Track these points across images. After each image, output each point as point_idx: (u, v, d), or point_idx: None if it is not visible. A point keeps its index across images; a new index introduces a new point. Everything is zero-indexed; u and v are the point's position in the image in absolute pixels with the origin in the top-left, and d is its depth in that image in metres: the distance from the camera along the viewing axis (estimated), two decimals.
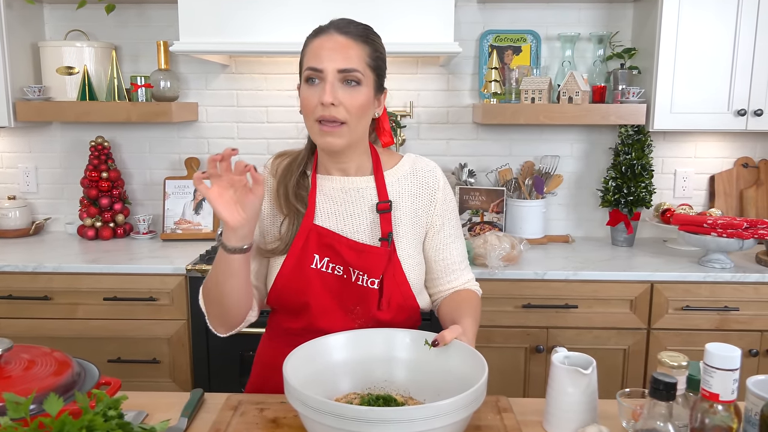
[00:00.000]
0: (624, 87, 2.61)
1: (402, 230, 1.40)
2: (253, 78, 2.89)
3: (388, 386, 1.25)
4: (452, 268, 1.46)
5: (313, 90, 1.29)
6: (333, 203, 1.40)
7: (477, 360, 1.15)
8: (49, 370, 1.09)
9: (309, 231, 1.37)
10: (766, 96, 2.49)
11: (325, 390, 1.17)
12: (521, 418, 1.25)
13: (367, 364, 1.25)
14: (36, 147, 2.97)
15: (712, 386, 0.92)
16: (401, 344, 1.27)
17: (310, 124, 1.32)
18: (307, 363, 1.18)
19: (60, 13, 2.86)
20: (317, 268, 1.37)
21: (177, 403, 1.30)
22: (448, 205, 1.46)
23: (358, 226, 1.39)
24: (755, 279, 2.31)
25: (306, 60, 1.31)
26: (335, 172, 1.41)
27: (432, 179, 1.44)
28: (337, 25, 1.32)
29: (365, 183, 1.41)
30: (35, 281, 2.39)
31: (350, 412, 0.95)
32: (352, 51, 1.29)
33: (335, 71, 1.27)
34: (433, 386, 1.22)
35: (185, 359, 2.44)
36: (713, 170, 2.89)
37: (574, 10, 2.80)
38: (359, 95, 1.29)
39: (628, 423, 1.22)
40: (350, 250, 1.36)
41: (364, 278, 1.36)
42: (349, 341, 1.27)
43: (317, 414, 0.97)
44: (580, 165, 2.92)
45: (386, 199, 1.39)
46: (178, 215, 2.81)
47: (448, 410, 0.98)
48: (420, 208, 1.43)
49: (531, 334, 2.38)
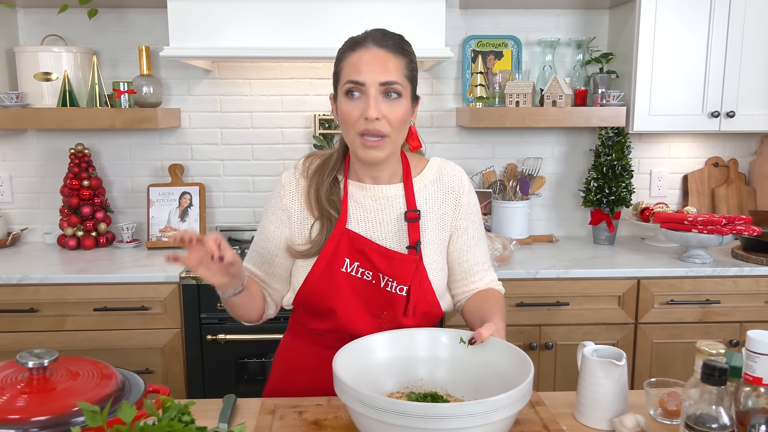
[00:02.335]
0: (604, 90, 2.70)
1: (428, 236, 1.43)
2: (236, 83, 2.87)
3: (426, 384, 1.28)
4: (475, 269, 1.49)
5: (355, 103, 1.30)
6: (363, 210, 1.42)
7: (518, 355, 1.18)
8: (94, 381, 1.07)
9: (341, 235, 1.39)
10: (737, 98, 2.61)
11: (372, 388, 1.18)
12: (553, 411, 1.29)
13: (408, 362, 1.28)
14: (10, 155, 2.87)
15: (755, 371, 0.98)
16: (440, 343, 1.30)
17: (351, 137, 1.34)
18: (351, 363, 1.19)
19: (35, 18, 2.78)
20: (347, 272, 1.39)
21: (206, 410, 1.29)
22: (472, 208, 1.49)
23: (386, 233, 1.41)
24: (734, 273, 2.42)
25: (345, 73, 1.32)
26: (367, 179, 1.43)
27: (458, 183, 1.47)
28: (373, 37, 1.33)
29: (395, 191, 1.43)
30: (20, 293, 2.32)
31: (415, 410, 0.97)
32: (390, 63, 1.30)
33: (377, 84, 1.28)
34: (470, 383, 1.25)
35: (179, 368, 2.40)
36: (686, 170, 3.01)
37: (553, 16, 2.88)
38: (400, 107, 1.31)
39: (656, 411, 1.28)
40: (381, 256, 1.38)
41: (393, 284, 1.38)
42: (390, 341, 1.29)
43: (379, 413, 0.99)
44: (560, 167, 3.00)
45: (414, 208, 1.41)
46: (164, 222, 2.77)
47: (506, 403, 1.00)
48: (446, 213, 1.45)
49: (524, 331, 2.43)
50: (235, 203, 2.95)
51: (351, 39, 1.36)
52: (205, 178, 2.92)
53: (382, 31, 1.35)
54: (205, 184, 2.89)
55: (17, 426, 0.96)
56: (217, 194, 2.94)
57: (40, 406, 0.99)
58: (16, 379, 1.05)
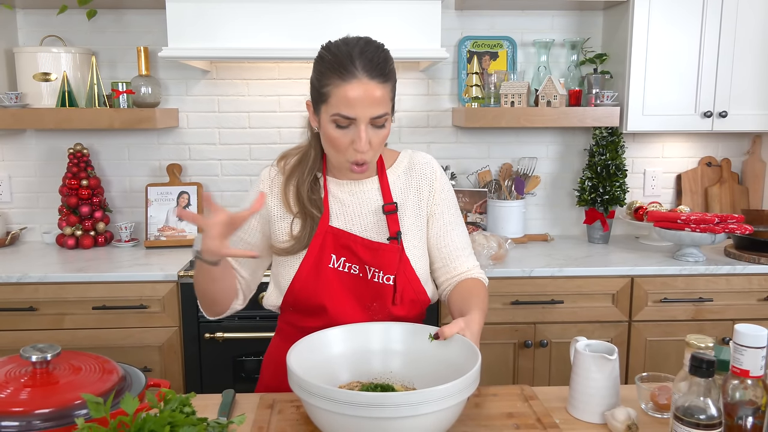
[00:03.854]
0: (598, 91, 2.73)
1: (407, 225, 1.47)
2: (234, 83, 2.89)
3: (391, 377, 1.31)
4: (455, 254, 1.51)
5: (344, 133, 1.32)
6: (342, 205, 1.46)
7: (467, 346, 1.21)
8: (96, 376, 1.09)
9: (326, 233, 1.43)
10: (729, 98, 2.65)
11: (327, 381, 1.21)
12: (546, 405, 1.31)
13: (363, 355, 1.32)
14: (9, 155, 2.89)
15: (743, 363, 1.01)
16: (394, 336, 1.34)
17: (338, 159, 1.37)
18: (308, 355, 1.23)
19: (34, 19, 2.80)
20: (335, 267, 1.43)
21: (205, 405, 1.31)
22: (447, 194, 1.53)
23: (366, 226, 1.45)
24: (726, 271, 2.45)
25: (334, 103, 1.29)
26: (344, 176, 1.47)
27: (429, 171, 1.51)
28: (363, 65, 1.28)
29: (370, 185, 1.48)
30: (20, 292, 2.33)
31: (343, 396, 1.00)
32: (379, 94, 1.29)
33: (367, 119, 1.30)
34: (425, 374, 1.28)
35: (177, 366, 2.42)
36: (679, 169, 3.04)
37: (548, 17, 2.91)
38: (385, 131, 1.35)
39: (647, 405, 1.30)
40: (365, 248, 1.43)
41: (380, 275, 1.43)
42: (345, 334, 1.33)
43: (314, 398, 1.03)
44: (555, 166, 3.03)
45: (391, 200, 1.46)
46: (162, 222, 2.79)
47: (452, 392, 1.03)
48: (422, 200, 1.50)
49: (519, 329, 2.46)
50: (232, 203, 2.97)
51: (335, 57, 1.30)
52: (202, 177, 2.94)
53: (367, 52, 1.30)
54: (203, 184, 2.92)
55: (21, 418, 0.97)
56: (214, 194, 2.96)
57: (43, 399, 1.00)
58: (19, 373, 1.07)
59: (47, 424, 0.97)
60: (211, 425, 0.89)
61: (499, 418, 1.24)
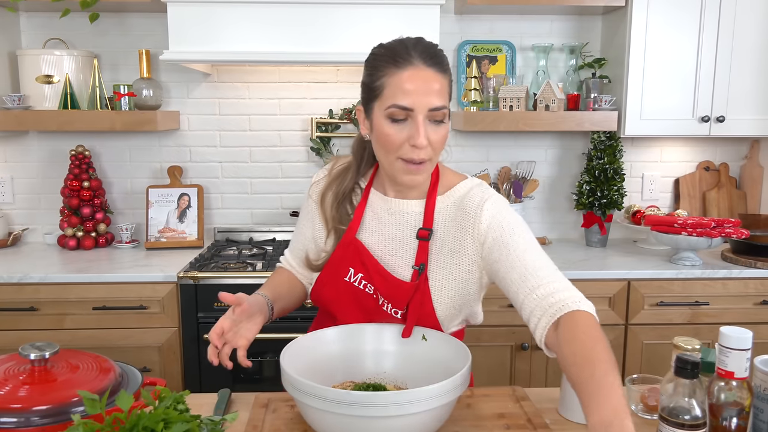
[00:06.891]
0: (596, 95, 2.75)
1: (439, 260, 1.34)
2: (235, 86, 2.92)
3: (384, 378, 1.33)
4: (531, 273, 1.22)
5: (399, 128, 1.22)
6: (378, 221, 1.38)
7: (462, 351, 1.23)
8: (93, 374, 1.11)
9: (349, 243, 1.37)
10: (727, 103, 2.66)
11: (321, 381, 1.22)
12: (537, 406, 1.33)
13: (357, 356, 1.34)
14: (12, 157, 2.92)
15: (727, 365, 1.02)
16: (386, 337, 1.36)
17: (390, 160, 1.26)
18: (302, 355, 1.26)
19: (37, 21, 2.83)
20: (350, 281, 1.38)
21: (201, 404, 1.33)
22: (499, 231, 1.28)
23: (394, 248, 1.37)
24: (723, 275, 2.46)
25: (390, 94, 1.21)
26: (392, 192, 1.38)
27: (474, 206, 1.31)
28: (419, 53, 1.22)
29: (414, 207, 1.36)
30: (21, 292, 2.36)
31: (332, 395, 1.02)
32: (438, 85, 1.21)
33: (426, 110, 1.20)
34: (427, 379, 1.29)
35: (176, 367, 2.44)
36: (678, 173, 3.06)
37: (547, 22, 2.93)
38: (444, 130, 1.24)
39: (637, 406, 1.32)
40: (379, 276, 1.34)
41: (389, 306, 1.35)
42: (339, 335, 1.35)
43: (305, 397, 1.05)
44: (553, 170, 3.04)
45: (429, 226, 1.33)
46: (162, 224, 2.81)
47: (441, 391, 1.05)
48: (463, 239, 1.32)
49: (516, 332, 2.47)
50: (233, 205, 3.00)
51: (389, 49, 1.24)
52: (203, 179, 2.96)
53: (423, 43, 1.25)
54: (204, 186, 2.94)
55: (19, 415, 1.00)
56: (215, 196, 2.98)
57: (41, 396, 1.03)
58: (18, 371, 1.09)
59: (45, 421, 1.00)
60: (204, 422, 0.90)
61: (490, 419, 1.26)
